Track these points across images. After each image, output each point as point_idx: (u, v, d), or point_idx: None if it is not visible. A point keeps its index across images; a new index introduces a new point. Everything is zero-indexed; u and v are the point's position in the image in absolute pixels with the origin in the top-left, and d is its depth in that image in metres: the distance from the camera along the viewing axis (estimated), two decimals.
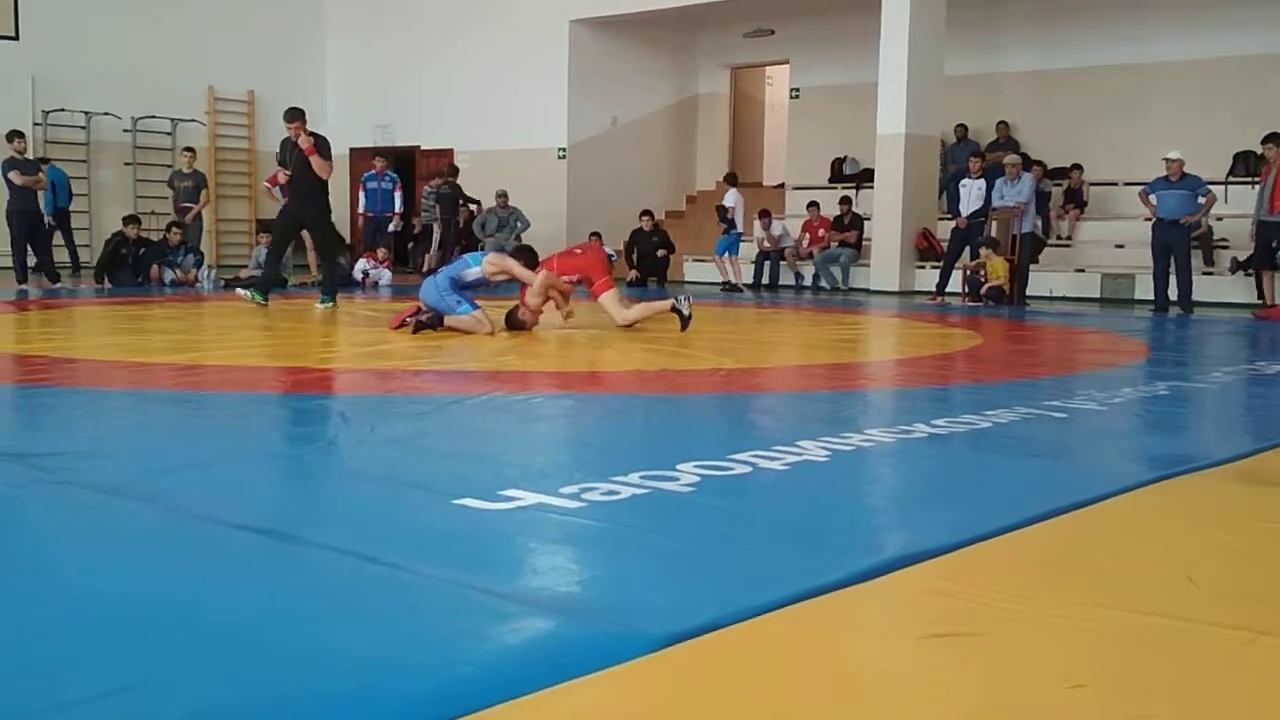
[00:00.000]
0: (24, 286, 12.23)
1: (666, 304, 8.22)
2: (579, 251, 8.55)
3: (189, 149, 15.33)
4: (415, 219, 17.43)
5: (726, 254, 15.52)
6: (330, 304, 9.85)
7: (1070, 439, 4.11)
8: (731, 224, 15.43)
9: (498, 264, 7.91)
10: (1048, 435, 4.08)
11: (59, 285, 12.74)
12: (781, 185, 18.40)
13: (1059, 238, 14.86)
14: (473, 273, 7.90)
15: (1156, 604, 2.16)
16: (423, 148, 19.09)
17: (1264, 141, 11.36)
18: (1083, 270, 14.02)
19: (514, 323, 7.88)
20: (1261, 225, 11.30)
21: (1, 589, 2.19)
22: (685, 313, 8.05)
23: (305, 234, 14.47)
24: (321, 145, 9.92)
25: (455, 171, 16.75)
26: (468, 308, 7.67)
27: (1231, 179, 13.96)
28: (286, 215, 10.59)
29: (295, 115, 10.00)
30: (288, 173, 10.11)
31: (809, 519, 2.79)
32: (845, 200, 15.59)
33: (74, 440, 3.90)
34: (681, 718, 1.65)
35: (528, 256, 8.16)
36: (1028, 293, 12.63)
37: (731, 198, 15.61)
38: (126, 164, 17.66)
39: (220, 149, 18.70)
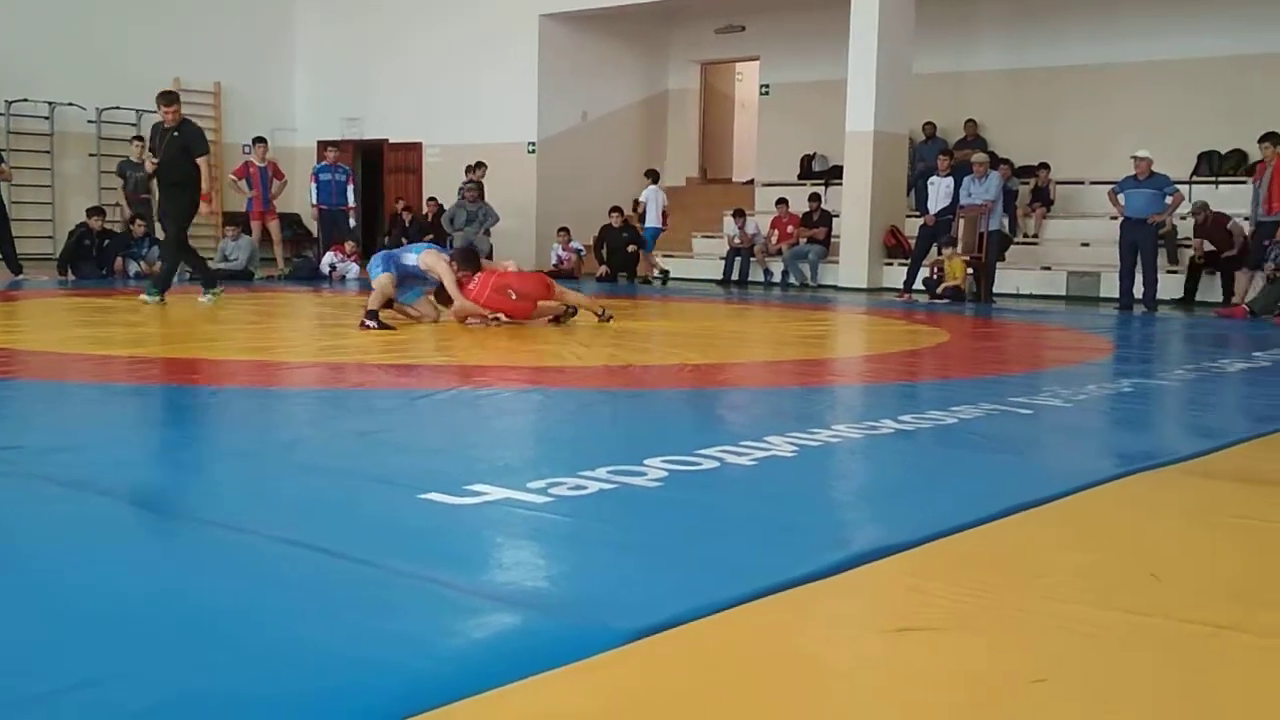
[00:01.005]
0: None
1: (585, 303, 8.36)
2: (515, 278, 8.35)
3: (139, 138, 15.12)
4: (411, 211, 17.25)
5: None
6: (216, 295, 9.48)
7: (1035, 435, 4.14)
8: (644, 218, 15.91)
9: (433, 266, 7.92)
10: (1013, 432, 4.11)
11: (21, 277, 12.59)
12: (751, 182, 18.43)
13: (1025, 236, 14.95)
14: (410, 259, 8.02)
15: (1119, 599, 2.18)
16: (391, 141, 18.99)
17: (1261, 140, 11.41)
18: (1049, 268, 14.12)
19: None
20: (1259, 225, 11.36)
21: None
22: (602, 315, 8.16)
23: (272, 226, 14.45)
24: (197, 136, 9.62)
25: (481, 168, 16.59)
26: (380, 270, 7.81)
27: (1196, 178, 14.10)
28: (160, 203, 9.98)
29: (172, 99, 9.53)
30: (154, 160, 9.55)
31: (776, 514, 2.79)
32: (814, 197, 15.63)
33: (37, 434, 3.86)
34: (648, 712, 1.65)
35: (469, 261, 8.14)
36: (994, 290, 12.70)
37: (648, 194, 15.98)
38: (91, 155, 17.46)
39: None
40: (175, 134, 9.44)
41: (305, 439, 3.91)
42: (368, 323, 7.38)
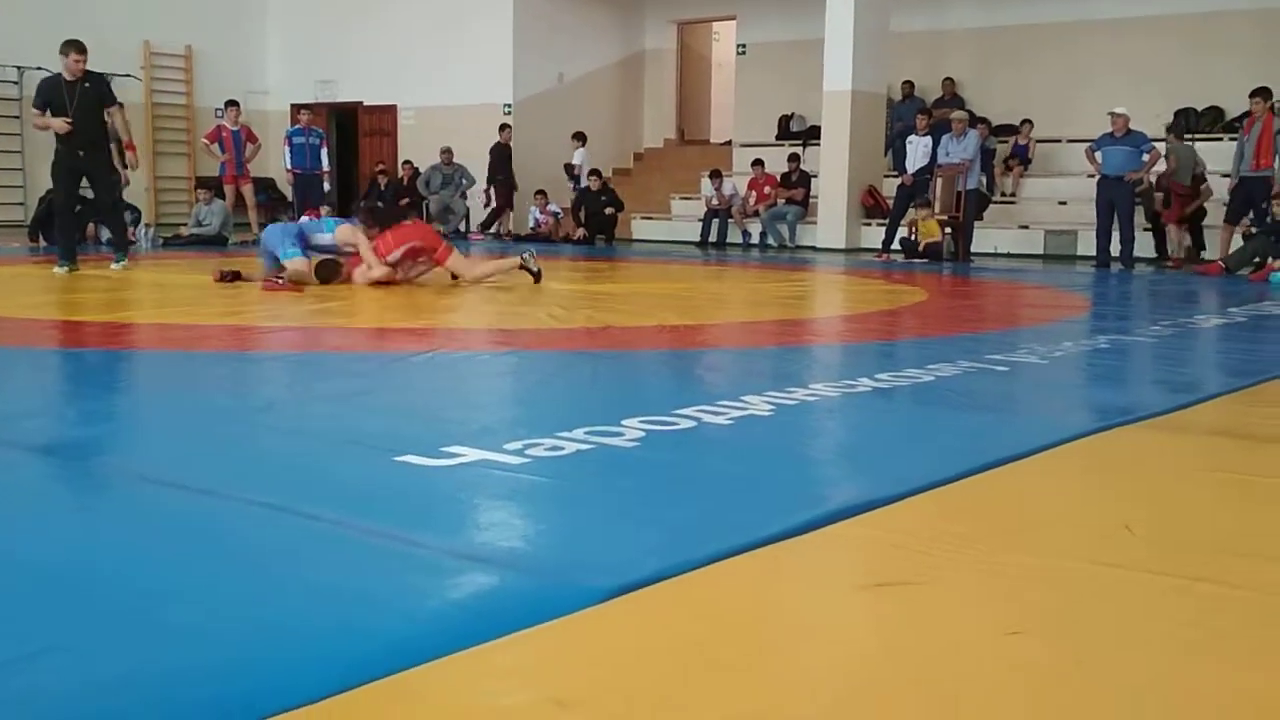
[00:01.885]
0: None
1: (515, 261, 8.28)
2: (409, 223, 8.44)
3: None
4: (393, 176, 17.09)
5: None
6: (124, 263, 9.16)
7: (1012, 392, 4.15)
8: (578, 181, 16.02)
9: (349, 239, 7.93)
10: (990, 389, 4.12)
11: None
12: (729, 143, 18.36)
13: (1003, 195, 14.96)
14: (324, 238, 8.01)
15: (1095, 552, 2.19)
16: (366, 104, 18.82)
17: (1252, 95, 11.42)
18: (1026, 227, 14.14)
19: (326, 274, 7.91)
20: (1243, 180, 11.39)
21: None
22: (534, 269, 8.11)
23: (245, 191, 14.30)
24: (109, 87, 9.18)
25: (505, 130, 16.53)
26: (296, 253, 7.77)
27: (1171, 136, 14.11)
28: (66, 167, 9.20)
29: (81, 48, 8.88)
30: (68, 121, 8.82)
31: (752, 472, 2.79)
32: (793, 158, 15.58)
33: (4, 400, 3.82)
34: (624, 669, 1.65)
35: (379, 218, 8.16)
36: (972, 250, 12.72)
37: (579, 156, 16.11)
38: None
39: (157, 105, 18.31)
40: (86, 86, 8.92)
41: (280, 402, 3.89)
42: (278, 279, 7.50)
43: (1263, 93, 11.27)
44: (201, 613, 1.81)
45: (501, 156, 16.40)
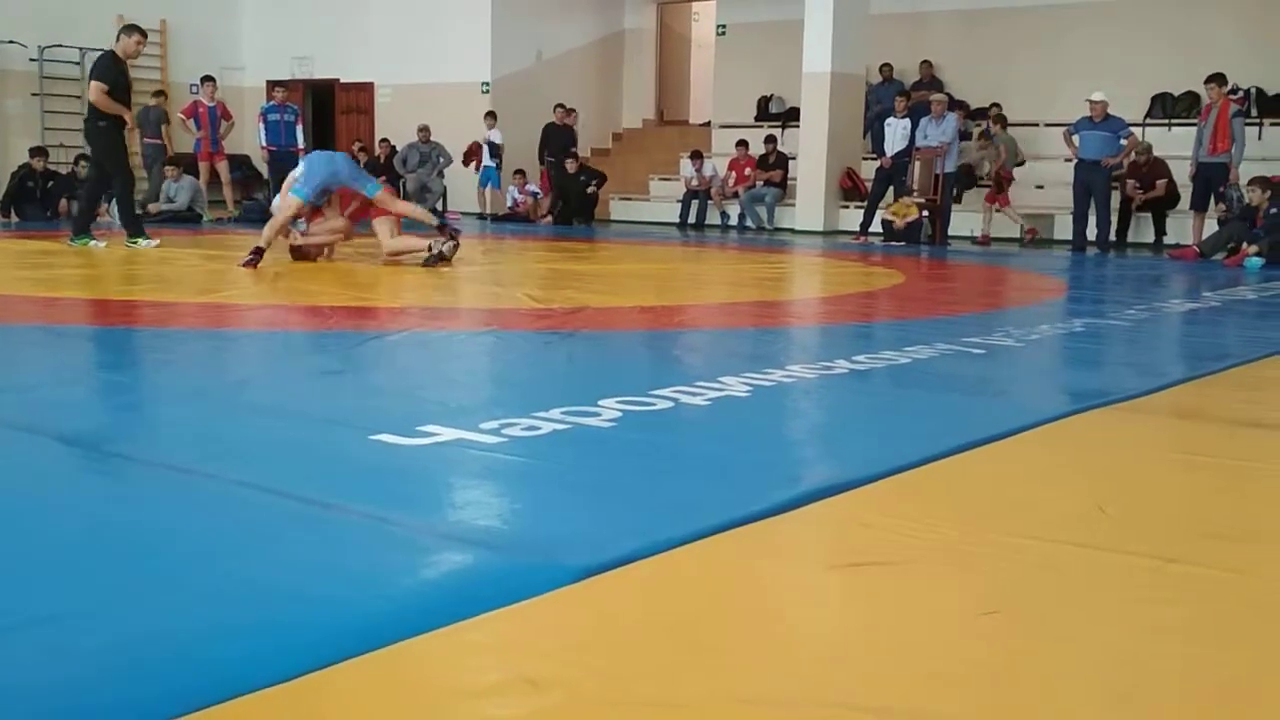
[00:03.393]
0: None
1: (425, 244, 8.01)
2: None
3: (162, 94, 14.52)
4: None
5: (488, 186, 16.18)
6: (141, 241, 9.22)
7: (988, 374, 4.16)
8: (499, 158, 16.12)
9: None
10: (966, 371, 4.13)
11: None
12: (708, 124, 18.32)
13: (981, 178, 14.98)
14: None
15: (1069, 533, 2.20)
16: (342, 81, 18.69)
17: (1206, 82, 11.51)
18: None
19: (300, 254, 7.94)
20: (1201, 166, 11.49)
21: None
22: (445, 254, 7.82)
23: (220, 168, 14.18)
24: (100, 67, 9.30)
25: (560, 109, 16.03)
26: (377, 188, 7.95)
27: (1149, 121, 14.17)
28: (123, 147, 9.56)
29: (145, 33, 9.45)
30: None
31: (729, 453, 2.79)
32: (771, 139, 15.56)
33: None
34: (600, 648, 1.65)
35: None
36: (949, 233, 12.74)
37: (498, 134, 16.10)
38: (34, 94, 17.03)
39: (131, 80, 18.11)
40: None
41: (255, 380, 3.87)
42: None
43: (1217, 79, 11.39)
44: (179, 588, 1.80)
45: (558, 137, 15.66)
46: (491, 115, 16.21)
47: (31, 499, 2.34)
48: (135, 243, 9.16)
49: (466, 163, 16.24)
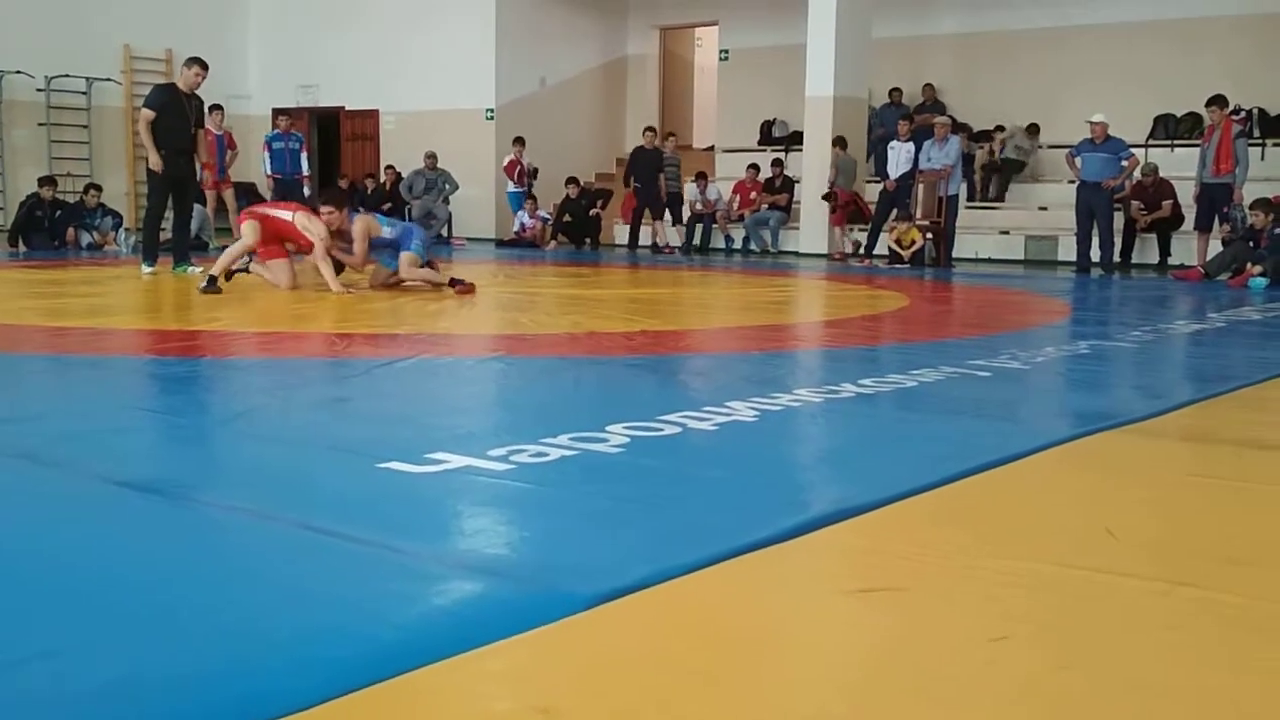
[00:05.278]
0: None
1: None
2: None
3: (218, 107, 14.55)
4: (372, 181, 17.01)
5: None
6: (189, 269, 9.36)
7: (993, 397, 4.16)
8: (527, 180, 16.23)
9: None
10: (972, 394, 4.14)
11: None
12: (711, 148, 18.38)
13: (984, 200, 15.02)
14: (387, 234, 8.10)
15: (1077, 557, 2.20)
16: (347, 108, 18.79)
17: (1208, 104, 11.56)
18: (1007, 232, 14.20)
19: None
20: (1205, 187, 11.52)
21: None
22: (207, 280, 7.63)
23: (227, 195, 14.24)
24: (203, 110, 9.69)
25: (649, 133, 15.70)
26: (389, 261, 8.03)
27: (1152, 142, 14.20)
28: (169, 175, 9.44)
29: (206, 65, 9.57)
30: (162, 155, 9.28)
31: (737, 478, 2.79)
32: (777, 163, 15.63)
33: None
34: (610, 677, 1.65)
35: (335, 193, 8.20)
36: (954, 255, 12.76)
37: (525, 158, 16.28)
38: (41, 124, 17.15)
39: (138, 109, 18.22)
40: (195, 102, 9.52)
41: (263, 409, 3.88)
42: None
43: (1219, 101, 11.45)
44: (187, 620, 1.80)
45: (646, 163, 15.15)
46: (520, 141, 16.21)
47: (35, 531, 2.34)
48: (183, 269, 9.37)
49: (513, 176, 16.17)
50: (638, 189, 15.26)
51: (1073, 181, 12.41)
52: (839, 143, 14.11)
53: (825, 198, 14.11)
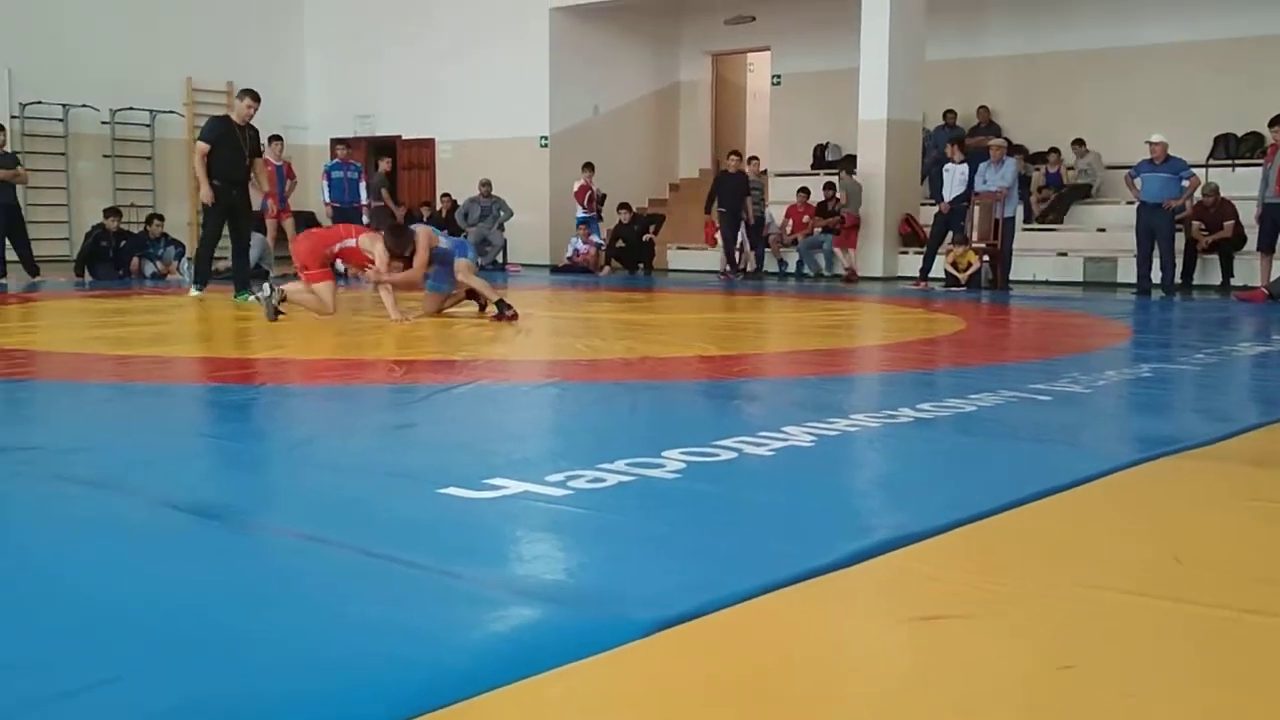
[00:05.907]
0: (3, 280, 12.15)
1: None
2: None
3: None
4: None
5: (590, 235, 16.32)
6: (247, 298, 9.47)
7: (1055, 422, 4.11)
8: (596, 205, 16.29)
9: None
10: (1032, 418, 4.09)
11: (39, 279, 12.65)
12: (764, 172, 18.39)
13: (1040, 222, 14.89)
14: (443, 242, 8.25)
15: (1143, 584, 2.17)
16: (404, 137, 19.02)
17: (1271, 124, 11.40)
18: (1065, 254, 14.05)
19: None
20: (1267, 207, 11.34)
21: None
22: (271, 302, 7.81)
23: (287, 225, 14.44)
24: (259, 140, 9.89)
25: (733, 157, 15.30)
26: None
27: (1212, 162, 14.01)
28: (223, 204, 9.69)
29: (257, 96, 9.80)
30: (214, 186, 9.51)
31: (796, 504, 2.78)
32: (829, 186, 15.59)
33: (55, 433, 3.87)
34: (669, 703, 1.64)
35: (400, 240, 8.09)
36: (1011, 277, 12.65)
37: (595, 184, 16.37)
38: (105, 156, 17.54)
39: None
40: (250, 132, 9.72)
41: (323, 436, 3.92)
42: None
43: None
44: (247, 646, 1.82)
45: (731, 187, 14.83)
46: (589, 166, 16.31)
47: (98, 557, 2.37)
48: (244, 298, 9.49)
49: (583, 202, 16.26)
50: (722, 213, 14.96)
51: (1131, 202, 12.26)
52: (845, 164, 14.12)
53: (828, 215, 14.52)
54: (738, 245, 14.98)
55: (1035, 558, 2.36)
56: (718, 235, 15.35)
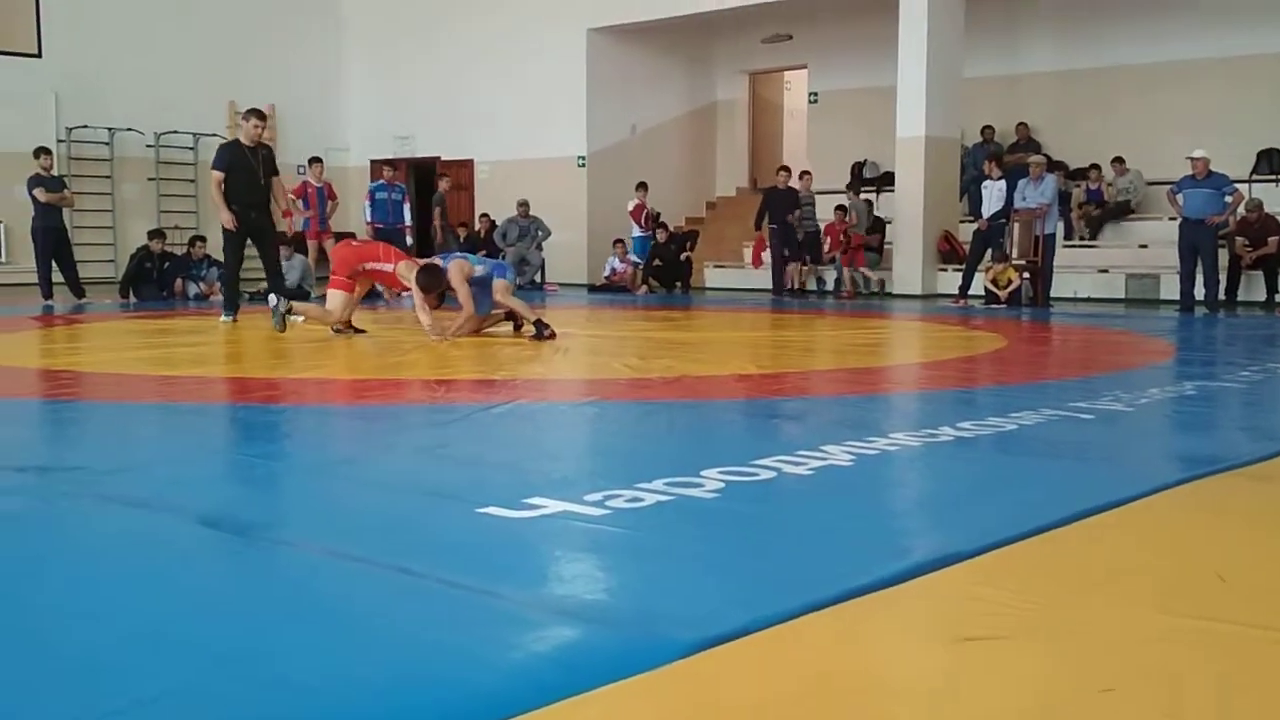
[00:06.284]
0: (50, 302, 12.33)
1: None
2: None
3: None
4: (462, 227, 17.32)
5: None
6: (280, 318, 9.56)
7: (1097, 440, 4.08)
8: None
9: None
10: (1074, 437, 4.06)
11: (85, 300, 12.82)
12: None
13: (1081, 239, 14.77)
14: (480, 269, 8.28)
15: (1187, 605, 2.14)
16: (443, 158, 19.16)
17: None
18: (1106, 271, 13.94)
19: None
20: None
21: (34, 602, 2.20)
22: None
23: (328, 246, 14.55)
24: (273, 158, 9.86)
25: (783, 172, 15.13)
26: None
27: (1255, 177, 13.87)
28: (239, 231, 9.56)
29: (262, 115, 9.72)
30: (234, 212, 9.43)
31: (835, 523, 2.78)
32: (867, 204, 15.55)
33: (99, 454, 3.92)
34: None
35: (433, 281, 8.05)
36: (1051, 294, 12.56)
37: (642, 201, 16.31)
38: (150, 179, 17.79)
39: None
40: (262, 152, 9.66)
41: (363, 455, 3.95)
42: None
43: None
44: (286, 665, 1.83)
45: (781, 202, 14.70)
46: (643, 186, 16.32)
47: (140, 577, 2.40)
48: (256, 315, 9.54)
49: (639, 221, 16.29)
50: (773, 230, 14.80)
51: (1174, 218, 12.15)
52: (853, 186, 14.31)
53: (842, 235, 14.70)
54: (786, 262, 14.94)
55: (1077, 578, 2.34)
56: (765, 254, 15.30)
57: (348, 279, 8.23)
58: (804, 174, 15.32)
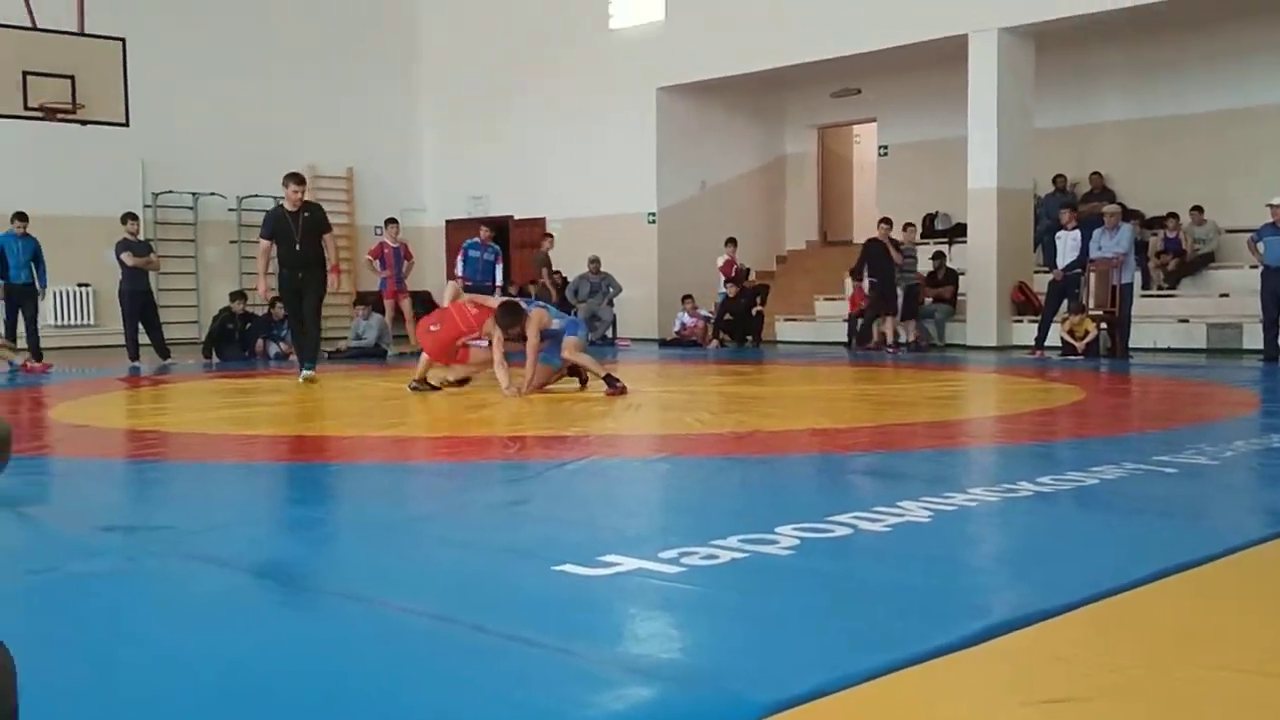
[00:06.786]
0: (136, 363, 12.64)
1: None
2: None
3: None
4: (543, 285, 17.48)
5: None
6: (310, 373, 9.71)
7: (1181, 495, 4.00)
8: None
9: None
10: (1157, 492, 3.98)
11: (170, 361, 13.13)
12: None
13: (1159, 288, 14.53)
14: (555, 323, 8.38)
15: (1274, 665, 2.09)
16: (516, 217, 19.42)
17: None
18: (1186, 321, 13.68)
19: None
20: None
21: (122, 659, 2.25)
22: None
23: (404, 305, 14.77)
24: (325, 216, 10.13)
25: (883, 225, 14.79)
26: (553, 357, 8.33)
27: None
28: (289, 289, 9.91)
29: (300, 179, 9.98)
30: (271, 290, 10.14)
31: (913, 581, 2.75)
32: (939, 255, 15.46)
33: (184, 513, 4.01)
34: None
35: (512, 320, 8.15)
36: (1130, 345, 12.36)
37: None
38: (232, 242, 18.23)
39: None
40: (306, 215, 9.80)
41: (440, 512, 3.99)
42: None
43: None
44: None
45: (881, 255, 14.28)
46: (732, 241, 16.41)
47: (226, 635, 2.44)
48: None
49: (729, 275, 16.33)
50: (873, 283, 14.27)
51: (1255, 266, 11.92)
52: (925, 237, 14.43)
53: (938, 285, 14.63)
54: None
55: (1161, 638, 2.30)
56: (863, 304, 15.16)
57: (453, 359, 8.67)
58: (907, 225, 14.90)
